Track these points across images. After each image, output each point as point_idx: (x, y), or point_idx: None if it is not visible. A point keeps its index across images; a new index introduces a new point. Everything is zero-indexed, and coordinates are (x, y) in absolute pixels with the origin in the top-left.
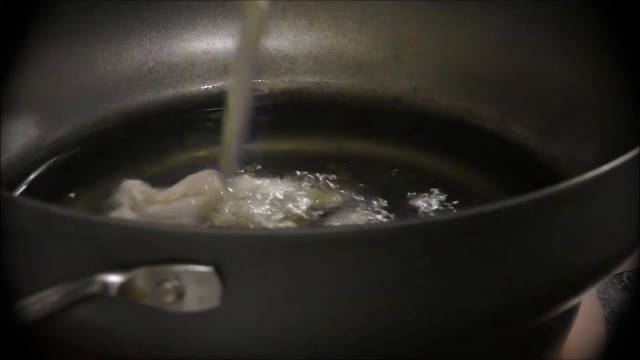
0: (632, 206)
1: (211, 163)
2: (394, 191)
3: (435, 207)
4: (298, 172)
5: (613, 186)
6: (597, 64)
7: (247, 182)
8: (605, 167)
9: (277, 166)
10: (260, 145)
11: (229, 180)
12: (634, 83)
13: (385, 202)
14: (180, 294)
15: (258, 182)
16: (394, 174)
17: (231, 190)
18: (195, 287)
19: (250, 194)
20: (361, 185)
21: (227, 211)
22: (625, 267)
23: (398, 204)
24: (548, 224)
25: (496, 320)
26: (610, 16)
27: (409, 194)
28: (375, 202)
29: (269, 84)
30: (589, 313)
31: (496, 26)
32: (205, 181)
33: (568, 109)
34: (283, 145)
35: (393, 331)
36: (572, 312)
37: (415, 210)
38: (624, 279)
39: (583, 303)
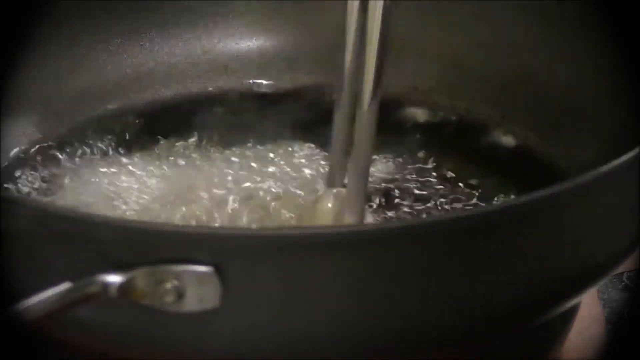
0: (632, 206)
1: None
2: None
3: (434, 207)
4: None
5: (613, 186)
6: (597, 64)
7: None
8: (605, 167)
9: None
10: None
11: None
12: (633, 83)
13: (385, 201)
14: (180, 294)
15: None
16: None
17: None
18: (195, 287)
19: None
20: None
21: None
22: (625, 267)
23: (397, 204)
24: (548, 224)
25: (496, 320)
26: (610, 16)
27: (408, 193)
28: (374, 202)
29: (269, 84)
30: (589, 313)
31: (496, 26)
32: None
33: (568, 109)
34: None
35: (393, 331)
36: (572, 312)
37: (414, 210)
38: (624, 279)
39: (583, 303)
